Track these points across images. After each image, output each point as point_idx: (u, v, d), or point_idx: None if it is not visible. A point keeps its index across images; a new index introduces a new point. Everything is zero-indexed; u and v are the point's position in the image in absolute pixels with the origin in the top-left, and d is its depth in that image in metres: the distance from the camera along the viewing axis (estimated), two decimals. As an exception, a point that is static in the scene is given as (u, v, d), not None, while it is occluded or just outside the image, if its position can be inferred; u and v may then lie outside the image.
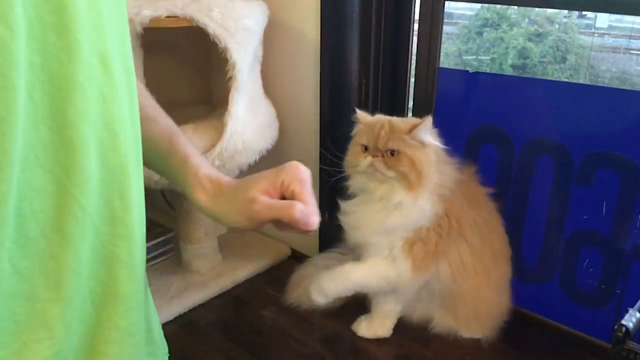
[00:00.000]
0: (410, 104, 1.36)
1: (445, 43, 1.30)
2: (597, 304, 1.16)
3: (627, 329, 0.64)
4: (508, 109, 1.20)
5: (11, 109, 0.36)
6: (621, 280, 1.12)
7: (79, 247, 0.44)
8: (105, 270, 0.47)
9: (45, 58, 0.39)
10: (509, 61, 1.55)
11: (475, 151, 1.26)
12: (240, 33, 1.17)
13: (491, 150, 1.24)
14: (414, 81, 1.33)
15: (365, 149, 1.09)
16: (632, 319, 0.65)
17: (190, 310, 1.29)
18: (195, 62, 1.47)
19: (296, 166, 0.57)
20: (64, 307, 0.44)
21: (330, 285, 1.13)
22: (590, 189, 1.13)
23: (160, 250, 1.46)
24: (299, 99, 1.42)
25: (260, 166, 1.31)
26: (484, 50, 1.62)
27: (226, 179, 0.61)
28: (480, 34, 1.59)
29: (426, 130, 1.06)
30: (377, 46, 1.32)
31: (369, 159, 1.07)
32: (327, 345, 1.20)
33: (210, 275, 1.40)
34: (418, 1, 1.26)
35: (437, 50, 1.27)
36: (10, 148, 0.37)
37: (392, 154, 1.06)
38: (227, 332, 1.23)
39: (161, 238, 1.46)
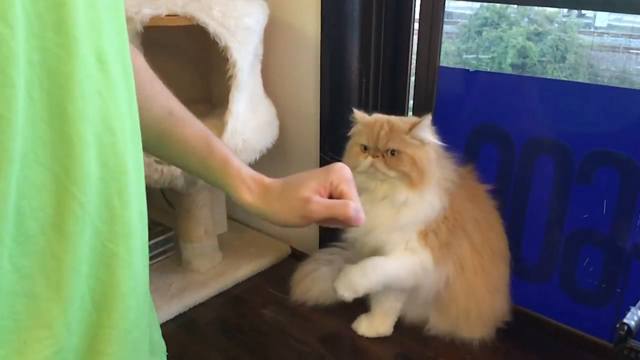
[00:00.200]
0: (410, 103, 1.36)
1: (444, 42, 1.30)
2: (597, 303, 1.17)
3: (629, 327, 0.64)
4: (508, 108, 1.20)
5: (10, 107, 0.36)
6: (621, 279, 1.12)
7: (78, 246, 0.43)
8: (105, 269, 0.47)
9: (44, 55, 0.39)
10: (509, 60, 1.55)
11: (476, 150, 1.26)
12: (241, 32, 1.17)
13: (491, 149, 1.24)
14: (414, 80, 1.33)
15: (365, 149, 1.08)
16: (634, 318, 0.65)
17: (190, 309, 1.29)
18: (195, 61, 1.47)
19: (342, 167, 0.62)
20: (64, 306, 0.44)
21: (361, 280, 1.08)
22: (590, 187, 1.13)
23: (160, 249, 1.46)
24: (299, 97, 1.42)
25: (261, 165, 1.32)
26: (483, 49, 1.62)
27: (267, 179, 0.64)
28: (479, 33, 1.59)
29: (426, 129, 1.06)
30: (378, 45, 1.31)
31: (370, 159, 1.06)
32: (328, 344, 1.20)
33: (211, 274, 1.40)
34: (418, 0, 1.26)
35: (438, 49, 1.27)
36: (9, 146, 0.37)
37: (393, 154, 1.06)
38: (227, 331, 1.23)
39: (161, 237, 1.46)
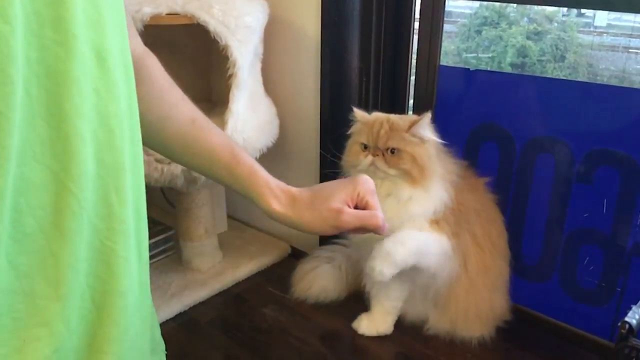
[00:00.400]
0: (410, 102, 1.36)
1: (444, 41, 1.30)
2: (598, 302, 1.17)
3: (631, 325, 0.64)
4: (509, 107, 1.20)
5: (9, 104, 0.36)
6: (621, 278, 1.12)
7: (76, 243, 0.43)
8: (103, 267, 0.47)
9: (42, 53, 0.39)
10: (508, 59, 1.55)
11: (476, 149, 1.26)
12: (241, 30, 1.17)
13: (492, 148, 1.24)
14: (415, 79, 1.33)
15: (365, 147, 1.08)
16: (636, 316, 0.65)
17: (190, 308, 1.29)
18: (195, 60, 1.47)
19: (367, 180, 0.68)
20: (63, 304, 0.43)
21: (398, 249, 1.01)
22: (590, 186, 1.13)
23: (161, 248, 1.46)
24: (300, 96, 1.42)
25: (261, 164, 1.31)
26: (483, 48, 1.62)
27: (293, 189, 0.68)
28: (479, 33, 1.59)
29: (425, 127, 1.07)
30: (378, 44, 1.31)
31: (370, 158, 1.06)
32: (328, 343, 1.20)
33: (211, 273, 1.40)
34: (419, -1, 1.26)
35: (438, 48, 1.27)
36: (7, 143, 0.37)
37: (393, 152, 1.06)
38: (228, 330, 1.23)
39: (161, 236, 1.46)
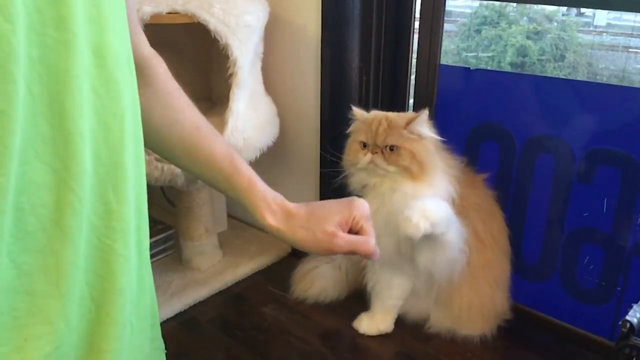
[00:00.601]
0: (411, 101, 1.36)
1: (444, 41, 1.30)
2: (598, 301, 1.17)
3: (632, 324, 0.64)
4: (509, 106, 1.20)
5: (11, 102, 0.36)
6: (622, 277, 1.12)
7: (76, 240, 0.43)
8: (102, 265, 0.47)
9: (44, 51, 0.39)
10: (508, 59, 1.55)
11: (476, 148, 1.26)
12: (241, 29, 1.17)
13: (492, 147, 1.24)
14: (415, 78, 1.33)
15: (364, 145, 1.09)
16: (637, 315, 0.65)
17: (190, 307, 1.29)
18: (195, 59, 1.47)
19: (363, 204, 0.66)
20: (64, 302, 0.43)
21: (435, 209, 1.01)
22: (590, 186, 1.13)
23: (161, 247, 1.46)
24: (300, 95, 1.42)
25: (261, 163, 1.31)
26: (482, 48, 1.62)
27: (290, 204, 0.67)
28: (478, 32, 1.59)
29: (423, 123, 1.07)
30: (378, 43, 1.31)
31: (369, 155, 1.07)
32: (328, 342, 1.20)
33: (211, 273, 1.40)
34: (419, -2, 1.26)
35: (438, 47, 1.27)
36: (9, 141, 0.36)
37: (392, 150, 1.06)
38: (228, 329, 1.23)
39: (161, 235, 1.46)
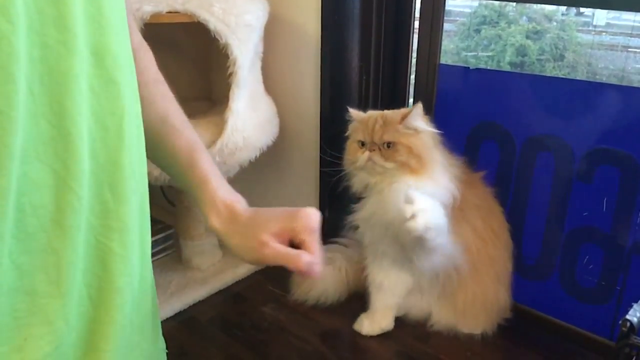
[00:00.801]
0: (410, 101, 1.36)
1: (443, 40, 1.30)
2: (597, 300, 1.17)
3: (632, 323, 0.64)
4: (509, 106, 1.20)
5: (12, 103, 0.36)
6: (621, 277, 1.12)
7: (76, 239, 0.44)
8: (99, 264, 0.47)
9: (45, 51, 0.39)
10: (507, 59, 1.55)
11: (476, 147, 1.26)
12: (241, 29, 1.17)
13: (492, 146, 1.24)
14: (415, 77, 1.33)
15: (362, 144, 1.10)
16: (637, 314, 0.65)
17: (190, 306, 1.29)
18: (195, 58, 1.47)
19: (309, 215, 0.58)
20: (64, 301, 0.44)
21: (434, 210, 1.00)
22: (590, 185, 1.13)
23: (160, 246, 1.46)
24: (300, 95, 1.42)
25: (261, 163, 1.32)
26: (482, 47, 1.62)
27: (240, 206, 0.62)
28: (478, 32, 1.59)
29: (417, 117, 1.08)
30: (378, 42, 1.32)
31: (367, 153, 1.08)
32: (328, 342, 1.20)
33: (211, 272, 1.40)
34: (419, -2, 1.26)
35: (438, 46, 1.27)
36: (10, 142, 0.37)
37: (389, 147, 1.07)
38: (228, 329, 1.23)
39: (161, 234, 1.46)
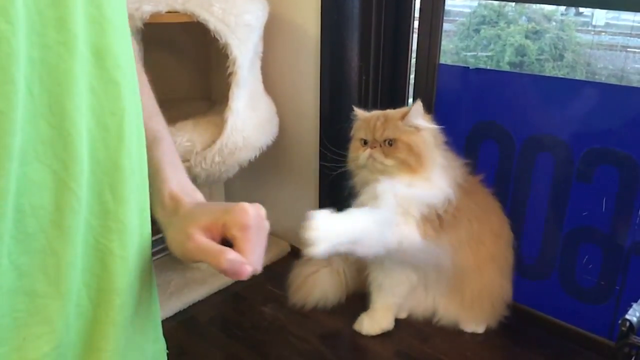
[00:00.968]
0: (410, 100, 1.36)
1: (442, 40, 1.30)
2: (596, 300, 1.17)
3: (631, 323, 0.64)
4: (508, 105, 1.21)
5: (11, 103, 0.36)
6: (620, 276, 1.13)
7: (75, 240, 0.43)
8: (99, 264, 0.47)
9: (45, 52, 0.39)
10: (506, 58, 1.55)
11: (476, 147, 1.26)
12: (241, 29, 1.17)
13: (491, 146, 1.24)
14: (414, 77, 1.33)
15: (365, 143, 1.11)
16: (636, 314, 0.65)
17: (190, 306, 1.29)
18: (195, 58, 1.47)
19: (243, 209, 0.50)
20: (63, 302, 0.44)
21: (334, 226, 0.99)
22: (590, 185, 1.13)
23: (160, 246, 1.45)
24: (299, 95, 1.42)
25: (260, 162, 1.32)
26: (481, 47, 1.62)
27: (186, 200, 0.56)
28: (477, 31, 1.59)
29: (418, 115, 1.09)
30: (378, 42, 1.31)
31: (368, 151, 1.09)
32: (327, 342, 1.20)
33: (210, 272, 1.39)
34: (418, -2, 1.26)
35: (437, 46, 1.27)
36: (9, 142, 0.36)
37: (390, 144, 1.08)
38: (227, 329, 1.23)
39: (161, 234, 1.45)
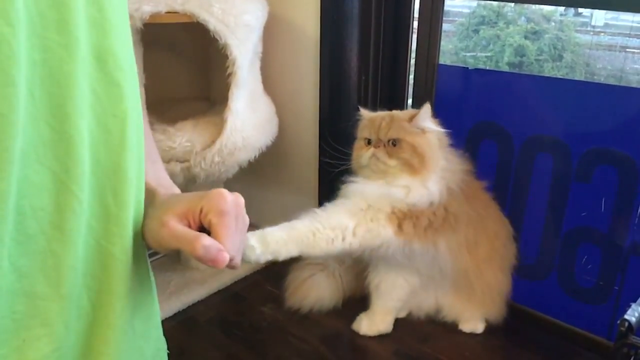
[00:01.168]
0: (409, 101, 1.36)
1: (442, 40, 1.30)
2: (595, 300, 1.17)
3: (630, 323, 0.64)
4: (508, 106, 1.21)
5: (11, 106, 0.36)
6: (619, 277, 1.13)
7: (76, 243, 0.43)
8: (100, 267, 0.47)
9: (46, 55, 0.39)
10: (506, 59, 1.55)
11: (475, 147, 1.26)
12: (241, 29, 1.17)
13: (491, 146, 1.25)
14: (414, 77, 1.33)
15: (369, 142, 1.11)
16: (635, 314, 0.65)
17: (189, 306, 1.29)
18: (194, 58, 1.47)
19: (220, 195, 0.49)
20: (64, 304, 0.44)
21: (274, 232, 0.98)
22: (589, 185, 1.13)
23: (159, 247, 1.46)
24: (299, 95, 1.42)
25: (260, 163, 1.32)
26: (480, 47, 1.62)
27: (161, 191, 0.55)
28: (476, 32, 1.59)
29: (426, 117, 1.09)
30: (377, 43, 1.32)
31: (371, 150, 1.09)
32: (327, 342, 1.20)
33: (210, 272, 1.40)
34: (417, -2, 1.27)
35: (437, 47, 1.27)
36: (10, 145, 0.36)
37: (394, 145, 1.08)
38: (227, 329, 1.23)
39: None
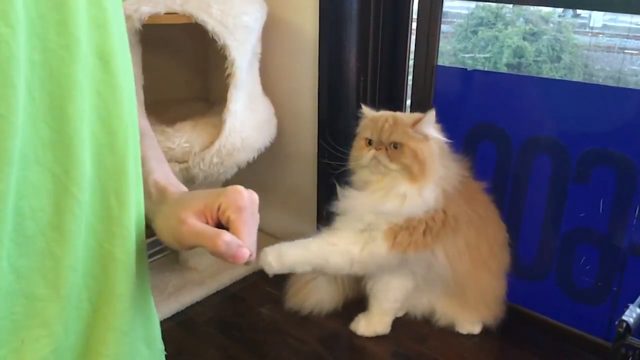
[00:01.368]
0: (408, 102, 1.36)
1: (440, 41, 1.30)
2: (594, 301, 1.17)
3: (628, 324, 0.65)
4: (506, 107, 1.21)
5: (11, 107, 0.36)
6: (617, 277, 1.13)
7: (76, 244, 0.43)
8: (100, 268, 0.47)
9: (46, 56, 0.39)
10: (504, 60, 1.55)
11: (473, 148, 1.27)
12: (239, 30, 1.17)
13: (489, 147, 1.25)
14: (412, 78, 1.33)
15: (369, 142, 1.10)
16: (633, 315, 0.65)
17: (188, 307, 1.29)
18: (193, 59, 1.47)
19: (237, 191, 0.50)
20: (62, 305, 0.44)
21: (289, 251, 1.07)
22: (587, 186, 1.13)
23: (158, 247, 1.46)
24: (298, 96, 1.42)
25: (259, 163, 1.32)
26: (479, 49, 1.62)
27: (172, 189, 0.55)
28: (475, 33, 1.60)
29: (429, 124, 1.08)
30: (376, 43, 1.32)
31: (372, 151, 1.08)
32: (325, 343, 1.20)
33: (208, 273, 1.40)
34: (416, -1, 1.27)
35: (435, 48, 1.27)
36: (9, 146, 0.36)
37: (396, 147, 1.07)
38: (225, 330, 1.23)
39: (156, 237, 1.45)
